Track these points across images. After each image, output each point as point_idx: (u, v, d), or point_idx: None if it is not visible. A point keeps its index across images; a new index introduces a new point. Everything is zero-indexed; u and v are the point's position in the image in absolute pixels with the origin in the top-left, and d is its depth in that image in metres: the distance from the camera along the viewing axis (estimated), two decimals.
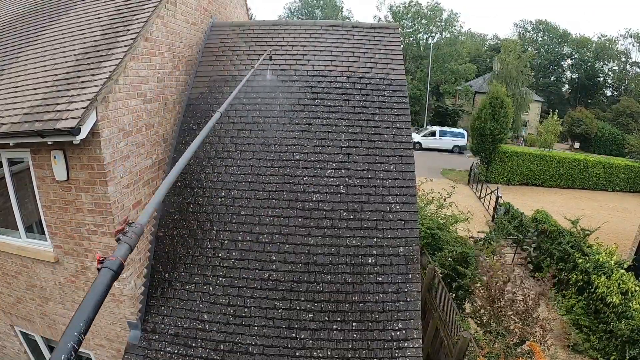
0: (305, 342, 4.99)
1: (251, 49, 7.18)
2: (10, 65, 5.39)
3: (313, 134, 6.17)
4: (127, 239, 1.79)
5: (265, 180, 5.87)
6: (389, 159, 5.97)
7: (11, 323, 6.01)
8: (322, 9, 57.36)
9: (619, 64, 56.15)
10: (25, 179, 4.84)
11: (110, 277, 1.57)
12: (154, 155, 5.63)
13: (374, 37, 7.26)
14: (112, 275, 1.58)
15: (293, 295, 5.23)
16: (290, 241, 5.50)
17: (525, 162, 26.70)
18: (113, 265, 1.61)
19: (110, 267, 1.60)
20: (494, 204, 18.69)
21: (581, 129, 42.25)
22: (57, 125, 4.00)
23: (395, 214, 5.63)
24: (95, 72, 4.63)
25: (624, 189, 28.09)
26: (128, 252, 1.74)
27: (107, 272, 1.58)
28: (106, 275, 1.57)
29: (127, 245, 1.76)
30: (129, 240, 1.78)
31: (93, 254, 4.81)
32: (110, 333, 5.34)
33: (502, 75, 38.90)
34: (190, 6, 6.61)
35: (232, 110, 6.48)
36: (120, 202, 4.73)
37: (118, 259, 1.65)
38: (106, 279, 1.56)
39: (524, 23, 62.11)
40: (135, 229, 1.84)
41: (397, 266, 5.37)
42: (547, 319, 6.68)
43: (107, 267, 1.60)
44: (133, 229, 1.84)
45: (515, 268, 7.83)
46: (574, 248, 11.56)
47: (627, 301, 9.13)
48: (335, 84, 6.61)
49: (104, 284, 1.53)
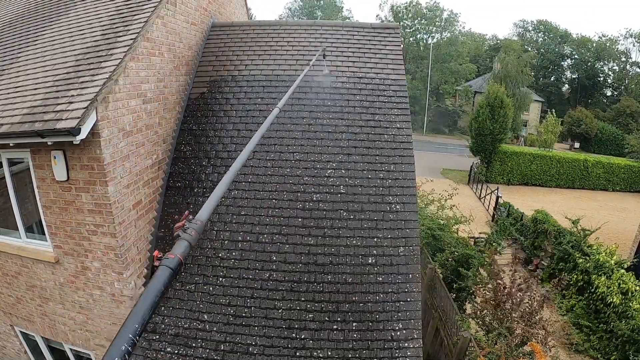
0: (306, 342, 4.99)
1: (251, 49, 7.18)
2: (11, 65, 5.39)
3: (313, 134, 6.17)
4: (187, 235, 1.68)
5: (265, 180, 5.87)
6: (389, 159, 5.97)
7: (11, 323, 6.01)
8: (322, 9, 57.39)
9: (619, 63, 56.14)
10: (25, 179, 4.84)
11: (169, 276, 1.47)
12: (154, 155, 5.63)
13: (374, 37, 7.26)
14: (170, 273, 1.48)
15: (293, 295, 5.22)
16: (290, 241, 5.49)
17: (525, 162, 26.71)
18: (172, 263, 1.50)
19: (168, 265, 1.49)
20: (494, 204, 18.69)
21: (581, 129, 42.25)
22: (57, 126, 4.00)
23: (396, 214, 5.63)
24: (95, 72, 4.63)
25: (624, 189, 28.09)
26: (188, 249, 1.64)
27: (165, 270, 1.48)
28: (164, 274, 1.46)
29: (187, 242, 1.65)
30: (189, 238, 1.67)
31: (93, 254, 4.81)
32: (111, 333, 5.33)
33: (502, 75, 38.90)
34: (190, 6, 6.61)
35: (232, 110, 6.49)
36: (120, 202, 4.73)
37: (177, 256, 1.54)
38: (164, 277, 1.45)
39: (524, 23, 62.15)
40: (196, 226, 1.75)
41: (398, 266, 5.37)
42: (549, 320, 6.68)
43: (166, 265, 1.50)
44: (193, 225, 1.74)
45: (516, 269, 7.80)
46: (574, 248, 11.56)
47: (628, 301, 9.13)
48: (336, 84, 6.61)
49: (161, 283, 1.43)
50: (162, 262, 1.50)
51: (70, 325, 5.47)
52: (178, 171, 6.09)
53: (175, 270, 1.50)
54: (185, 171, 6.08)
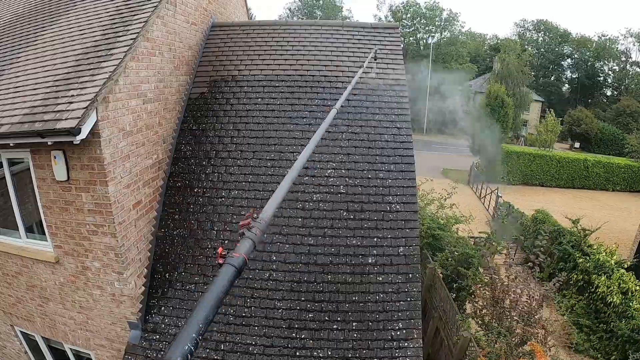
0: (306, 342, 4.99)
1: (251, 49, 7.18)
2: (10, 66, 5.39)
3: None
4: (252, 234, 1.65)
5: (265, 180, 5.87)
6: (389, 159, 5.97)
7: (11, 323, 6.01)
8: (322, 9, 57.37)
9: (619, 63, 56.12)
10: (25, 179, 4.84)
11: (233, 274, 1.44)
12: (154, 155, 5.63)
13: (374, 37, 7.26)
14: (234, 272, 1.45)
15: (293, 295, 5.23)
16: (290, 241, 5.49)
17: (525, 161, 26.71)
18: (236, 261, 1.47)
19: (232, 264, 1.46)
20: (495, 204, 18.69)
21: (581, 129, 42.23)
22: (57, 126, 4.00)
23: (396, 213, 5.63)
24: (95, 72, 4.63)
25: (624, 189, 28.09)
26: (252, 248, 1.61)
27: (229, 268, 1.45)
28: (228, 272, 1.44)
29: (251, 241, 1.62)
30: (253, 237, 1.65)
31: (93, 254, 4.81)
32: (111, 333, 5.33)
33: (502, 74, 38.92)
34: (190, 6, 6.60)
35: (232, 110, 6.49)
36: (120, 202, 4.73)
37: (242, 255, 1.51)
38: (228, 276, 1.42)
39: (524, 23, 62.14)
40: (260, 225, 1.72)
41: (398, 266, 5.37)
42: (549, 320, 6.67)
43: (230, 263, 1.46)
44: (258, 224, 1.71)
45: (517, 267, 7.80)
46: (575, 248, 11.56)
47: (628, 301, 9.13)
48: (336, 83, 6.61)
49: (225, 281, 1.39)
50: (226, 260, 1.48)
51: (70, 325, 5.47)
52: (178, 171, 6.09)
53: (239, 269, 1.47)
54: (185, 171, 6.08)
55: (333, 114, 3.61)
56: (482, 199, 21.83)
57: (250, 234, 1.66)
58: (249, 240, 1.62)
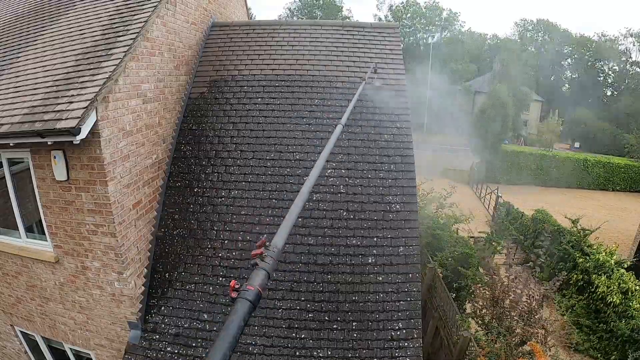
0: (306, 341, 4.99)
1: (251, 49, 7.18)
2: (10, 66, 5.39)
3: (313, 134, 6.17)
4: (265, 264, 1.57)
5: (265, 180, 5.87)
6: (389, 159, 5.97)
7: (11, 323, 6.01)
8: (322, 9, 57.34)
9: (619, 63, 56.10)
10: (25, 179, 4.84)
11: (248, 309, 1.37)
12: (154, 155, 5.63)
13: (374, 36, 7.26)
14: (249, 307, 1.38)
15: (293, 295, 5.23)
16: (290, 241, 5.49)
17: (525, 161, 26.72)
18: (250, 295, 1.40)
19: (247, 298, 1.39)
20: (494, 204, 18.70)
21: (581, 129, 42.23)
22: (57, 126, 4.00)
23: (396, 213, 5.63)
24: (95, 72, 4.63)
25: (624, 189, 28.09)
26: (266, 279, 1.53)
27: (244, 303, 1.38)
28: (243, 308, 1.37)
29: (265, 272, 1.54)
30: (267, 267, 1.57)
31: (93, 254, 4.81)
32: (111, 333, 5.33)
33: (502, 74, 38.92)
34: (190, 6, 6.60)
35: (232, 110, 6.49)
36: (120, 202, 4.73)
37: (256, 288, 1.43)
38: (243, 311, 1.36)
39: (525, 22, 62.10)
40: (273, 254, 1.65)
41: (397, 266, 5.37)
42: (548, 320, 6.67)
43: (244, 297, 1.39)
44: (271, 253, 1.64)
45: (517, 267, 7.81)
46: (574, 248, 11.56)
47: (628, 301, 9.13)
48: (336, 83, 6.61)
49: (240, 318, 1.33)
50: (240, 295, 1.41)
51: (70, 325, 5.48)
52: (178, 171, 6.09)
53: (254, 303, 1.40)
54: (185, 171, 6.08)
55: (339, 130, 3.53)
56: (482, 199, 21.83)
57: (264, 264, 1.59)
58: (262, 271, 1.55)
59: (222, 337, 1.27)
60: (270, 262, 1.61)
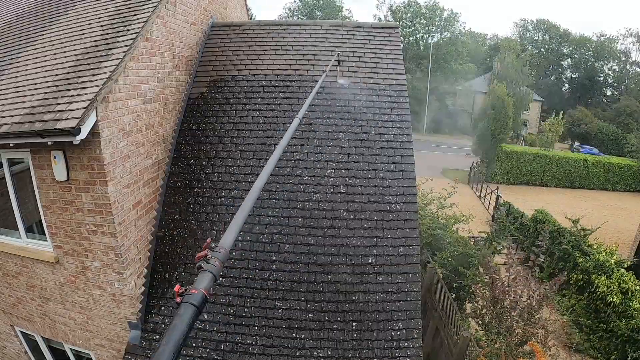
0: (306, 341, 4.99)
1: (251, 49, 7.18)
2: (10, 66, 5.39)
3: (313, 134, 6.17)
4: (211, 267, 1.51)
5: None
6: (389, 159, 5.97)
7: (11, 323, 6.01)
8: (322, 9, 57.34)
9: (619, 63, 56.13)
10: (25, 179, 4.84)
11: (192, 314, 1.31)
12: (154, 155, 5.63)
13: (374, 36, 7.26)
14: (194, 311, 1.32)
15: (293, 295, 5.23)
16: (290, 241, 5.49)
17: (525, 161, 26.72)
18: (195, 299, 1.33)
19: (191, 302, 1.32)
20: (495, 204, 18.70)
21: (581, 129, 42.26)
22: (57, 126, 4.00)
23: (396, 213, 5.63)
24: (95, 72, 4.63)
25: (624, 189, 28.10)
26: (212, 282, 1.47)
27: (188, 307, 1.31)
28: (187, 312, 1.30)
29: (211, 274, 1.48)
30: (213, 269, 1.50)
31: (93, 254, 4.81)
32: (111, 333, 5.33)
33: (502, 74, 38.93)
34: (190, 6, 6.60)
35: (232, 110, 6.49)
36: (120, 202, 4.73)
37: (201, 291, 1.37)
38: (187, 316, 1.29)
39: (525, 22, 62.14)
40: (219, 255, 1.58)
41: (397, 266, 5.37)
42: (548, 320, 6.67)
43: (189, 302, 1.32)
44: (217, 254, 1.57)
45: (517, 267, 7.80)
46: (575, 248, 11.56)
47: (628, 300, 9.13)
48: (336, 83, 6.60)
49: (184, 323, 1.27)
50: (184, 299, 1.34)
51: (70, 325, 5.48)
52: (178, 171, 6.09)
53: (199, 307, 1.34)
54: (185, 171, 6.08)
55: (296, 124, 3.51)
56: (482, 199, 21.84)
57: (210, 266, 1.51)
58: (208, 274, 1.47)
59: (165, 344, 1.21)
60: (217, 264, 1.54)
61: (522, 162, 26.63)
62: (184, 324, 1.27)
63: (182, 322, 1.27)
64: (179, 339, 1.23)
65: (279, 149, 2.92)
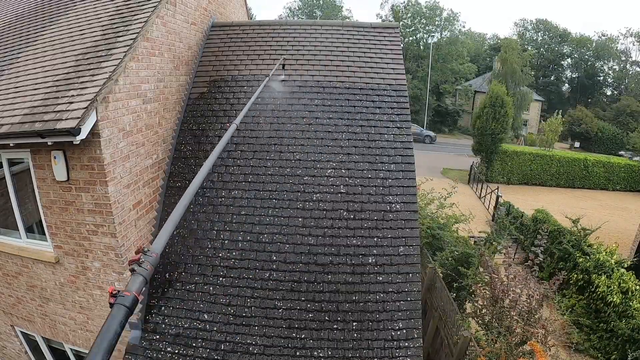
0: (306, 341, 4.99)
1: (251, 49, 7.18)
2: (10, 66, 5.39)
3: (313, 134, 6.17)
4: (143, 270, 1.62)
5: (265, 180, 5.87)
6: (389, 159, 5.97)
7: (12, 323, 6.01)
8: (322, 9, 57.38)
9: (619, 63, 56.15)
10: (25, 180, 4.84)
11: (124, 315, 1.41)
12: (154, 155, 5.63)
13: (374, 36, 7.26)
14: (125, 312, 1.42)
15: (293, 295, 5.23)
16: (290, 241, 5.49)
17: (525, 161, 26.71)
18: (127, 301, 1.44)
19: (123, 304, 1.43)
20: (495, 204, 18.69)
21: (581, 128, 42.26)
22: (57, 126, 4.00)
23: (396, 213, 5.63)
24: (95, 72, 4.63)
25: (624, 188, 28.08)
26: (143, 285, 1.57)
27: (120, 309, 1.41)
28: (119, 313, 1.41)
29: (142, 277, 1.59)
30: (144, 272, 1.61)
31: (94, 254, 4.81)
32: None
33: (502, 74, 38.94)
34: (190, 6, 6.60)
35: (232, 110, 6.48)
36: (120, 202, 4.73)
37: (132, 293, 1.47)
38: (119, 316, 1.40)
39: (524, 22, 62.16)
40: (151, 259, 1.70)
41: (398, 266, 5.37)
42: (548, 319, 6.66)
43: (121, 303, 1.42)
44: (148, 258, 1.69)
45: (516, 267, 7.80)
46: (575, 247, 11.55)
47: (628, 300, 9.12)
48: (336, 83, 6.61)
49: (117, 323, 1.37)
50: (117, 300, 1.44)
51: (70, 325, 5.48)
52: (178, 171, 6.09)
53: (131, 308, 1.43)
54: (185, 171, 6.08)
55: (233, 129, 3.62)
56: (482, 199, 21.83)
57: (141, 269, 1.62)
58: (139, 277, 1.58)
59: (99, 343, 1.28)
60: (148, 267, 1.64)
61: (522, 162, 26.61)
62: (117, 324, 1.36)
63: (114, 323, 1.36)
64: (112, 339, 1.31)
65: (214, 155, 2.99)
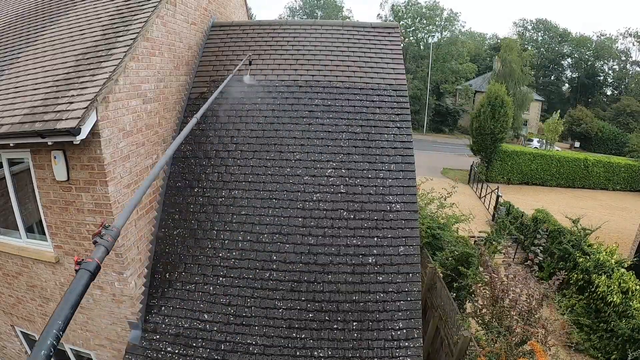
0: (306, 341, 4.99)
1: (251, 49, 7.17)
2: (11, 66, 5.39)
3: (313, 134, 6.17)
4: (104, 241, 1.86)
5: (265, 180, 5.87)
6: (389, 159, 5.97)
7: (12, 323, 6.01)
8: (323, 9, 57.39)
9: (619, 63, 56.15)
10: (25, 180, 4.84)
11: (88, 278, 1.65)
12: (154, 155, 5.63)
13: (374, 36, 7.26)
14: (89, 276, 1.65)
15: (293, 295, 5.23)
16: (290, 241, 5.50)
17: (525, 161, 26.71)
18: (90, 266, 1.68)
19: (87, 269, 1.67)
20: (495, 204, 18.69)
21: (581, 128, 42.26)
22: (57, 126, 4.00)
23: (396, 213, 5.63)
24: (95, 72, 4.63)
25: (624, 188, 28.09)
26: (105, 254, 1.81)
27: (84, 273, 1.65)
28: (83, 276, 1.64)
29: (104, 247, 1.83)
30: (106, 243, 1.86)
31: None
32: (111, 333, 5.34)
33: (502, 73, 38.93)
34: (190, 6, 6.60)
35: (232, 110, 6.49)
36: (120, 202, 4.73)
37: (95, 260, 1.72)
38: (83, 279, 1.63)
39: (524, 22, 62.18)
40: (112, 232, 1.92)
41: (398, 266, 5.37)
42: (548, 319, 6.67)
43: (85, 268, 1.67)
44: (109, 232, 1.92)
45: (517, 267, 7.80)
46: (575, 247, 11.56)
47: (628, 300, 9.13)
48: (336, 83, 6.60)
49: (81, 285, 1.60)
50: (81, 266, 1.67)
51: (70, 325, 5.47)
52: (178, 171, 6.09)
53: (93, 273, 1.68)
54: (185, 171, 6.08)
55: (193, 123, 3.76)
56: (482, 199, 21.83)
57: (103, 241, 1.86)
58: (101, 247, 1.82)
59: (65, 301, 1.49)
60: (109, 239, 1.88)
61: (522, 161, 26.61)
62: (80, 286, 1.59)
63: (79, 284, 1.59)
64: (77, 299, 1.54)
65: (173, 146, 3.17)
